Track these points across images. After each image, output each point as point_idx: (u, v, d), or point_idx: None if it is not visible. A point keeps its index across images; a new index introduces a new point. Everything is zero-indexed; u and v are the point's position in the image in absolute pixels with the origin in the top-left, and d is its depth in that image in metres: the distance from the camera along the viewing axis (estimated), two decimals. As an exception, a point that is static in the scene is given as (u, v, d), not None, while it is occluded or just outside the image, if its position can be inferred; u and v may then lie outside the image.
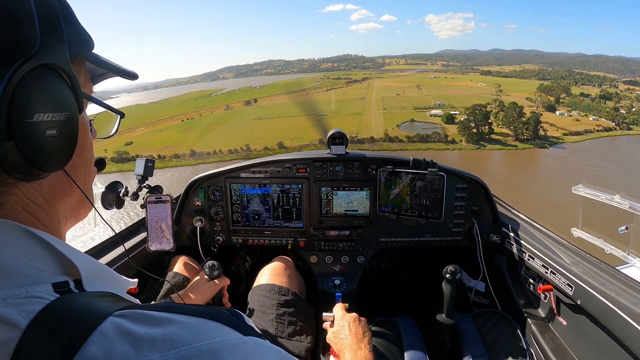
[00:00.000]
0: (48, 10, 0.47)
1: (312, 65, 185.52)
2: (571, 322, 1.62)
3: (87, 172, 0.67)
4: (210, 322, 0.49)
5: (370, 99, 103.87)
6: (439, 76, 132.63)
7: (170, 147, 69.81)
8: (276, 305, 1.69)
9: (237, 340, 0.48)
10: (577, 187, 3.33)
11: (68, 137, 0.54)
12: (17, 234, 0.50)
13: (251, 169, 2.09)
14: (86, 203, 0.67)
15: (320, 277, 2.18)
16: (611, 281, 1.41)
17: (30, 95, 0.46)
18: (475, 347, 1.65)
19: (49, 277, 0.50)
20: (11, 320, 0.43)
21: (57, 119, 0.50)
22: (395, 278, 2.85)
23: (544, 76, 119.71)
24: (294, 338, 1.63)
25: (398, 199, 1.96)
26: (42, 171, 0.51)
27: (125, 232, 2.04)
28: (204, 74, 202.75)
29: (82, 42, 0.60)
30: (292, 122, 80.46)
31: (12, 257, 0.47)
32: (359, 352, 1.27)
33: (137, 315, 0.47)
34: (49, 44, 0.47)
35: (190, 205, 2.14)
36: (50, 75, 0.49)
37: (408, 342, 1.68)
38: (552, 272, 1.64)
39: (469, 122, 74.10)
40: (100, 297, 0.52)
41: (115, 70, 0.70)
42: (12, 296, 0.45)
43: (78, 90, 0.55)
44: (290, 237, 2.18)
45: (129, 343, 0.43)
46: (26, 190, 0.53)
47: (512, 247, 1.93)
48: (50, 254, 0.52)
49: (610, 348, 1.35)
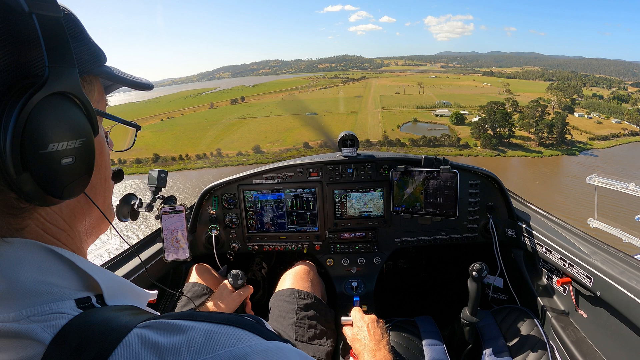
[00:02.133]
0: (56, 35, 0.47)
1: (310, 66, 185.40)
2: (591, 314, 1.60)
3: (106, 188, 0.67)
4: (233, 328, 0.49)
5: (368, 97, 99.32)
6: (440, 76, 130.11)
7: (137, 150, 61.38)
8: (296, 310, 1.70)
9: (260, 345, 0.48)
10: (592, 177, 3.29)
11: (85, 164, 0.53)
12: (38, 252, 0.50)
13: (263, 175, 2.10)
14: (105, 219, 0.67)
15: (337, 280, 2.18)
16: (630, 270, 1.38)
17: (43, 125, 0.46)
18: (496, 344, 1.64)
19: (72, 293, 0.50)
20: (35, 336, 0.43)
21: (72, 147, 0.50)
22: (412, 277, 2.84)
23: (548, 77, 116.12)
24: (314, 342, 1.63)
25: (412, 198, 1.95)
26: (60, 199, 0.51)
27: (141, 243, 2.07)
28: (200, 74, 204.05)
29: (93, 58, 0.60)
30: (277, 122, 75.58)
31: (33, 276, 0.48)
32: (378, 352, 1.28)
33: (160, 325, 0.47)
34: (59, 71, 0.47)
35: (204, 214, 2.16)
36: (62, 102, 0.49)
37: (428, 342, 1.67)
38: (570, 264, 1.62)
39: (483, 123, 65.31)
40: (122, 311, 0.52)
41: (128, 83, 0.69)
42: (36, 314, 0.45)
43: (92, 113, 0.54)
44: (306, 242, 2.19)
45: (154, 353, 0.43)
46: (46, 214, 0.54)
47: (528, 241, 1.92)
48: (71, 271, 0.52)
49: (632, 339, 1.33)
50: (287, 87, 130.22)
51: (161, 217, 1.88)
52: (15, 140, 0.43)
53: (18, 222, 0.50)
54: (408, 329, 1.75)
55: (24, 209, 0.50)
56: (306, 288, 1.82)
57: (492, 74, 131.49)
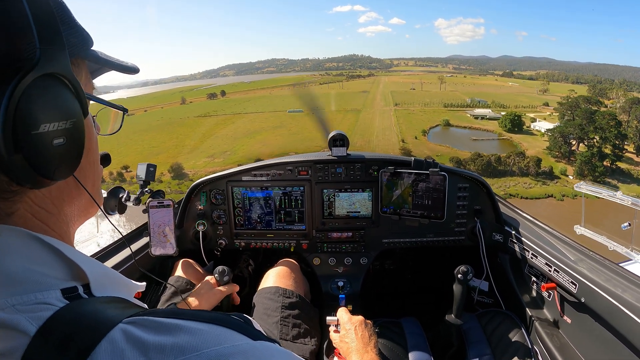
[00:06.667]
0: (46, 18, 0.47)
1: (316, 65, 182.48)
2: (576, 320, 1.61)
3: (95, 172, 0.67)
4: (219, 327, 0.49)
5: (376, 93, 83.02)
6: (457, 75, 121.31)
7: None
8: (280, 308, 1.69)
9: (246, 345, 0.48)
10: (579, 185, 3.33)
11: (75, 144, 0.54)
12: (24, 240, 0.50)
13: (253, 172, 2.09)
14: (95, 203, 0.67)
15: (323, 279, 2.18)
16: (615, 278, 1.40)
17: (34, 106, 0.46)
18: (480, 347, 1.65)
19: (58, 282, 0.50)
20: (19, 327, 0.43)
21: (63, 128, 0.50)
22: (398, 279, 2.85)
23: (574, 80, 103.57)
24: (298, 340, 1.63)
25: (400, 199, 1.96)
26: (51, 180, 0.51)
27: (128, 236, 2.05)
28: (204, 71, 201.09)
29: (81, 42, 0.60)
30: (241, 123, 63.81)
31: (20, 264, 0.48)
32: (366, 355, 1.27)
33: (146, 322, 0.47)
34: (49, 53, 0.47)
35: (192, 209, 2.15)
36: (53, 84, 0.49)
37: (412, 343, 1.68)
38: (556, 270, 1.63)
39: (565, 132, 41.53)
40: (109, 303, 0.52)
41: (115, 66, 0.70)
42: (21, 303, 0.45)
43: (82, 95, 0.54)
44: (293, 240, 2.18)
45: (138, 350, 0.43)
46: (35, 197, 0.54)
47: (515, 245, 1.93)
48: (58, 260, 0.52)
49: (616, 345, 1.34)
50: (284, 83, 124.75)
51: (149, 211, 1.86)
52: (7, 122, 0.43)
53: (8, 206, 0.50)
54: (393, 329, 1.75)
55: (15, 192, 0.50)
56: (290, 287, 1.82)
57: (512, 76, 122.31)
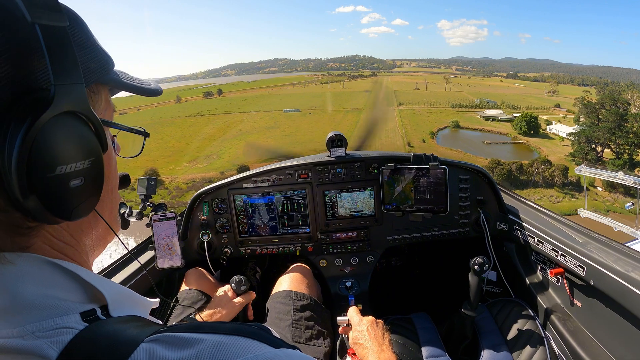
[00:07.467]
0: (61, 49, 0.43)
1: (319, 65, 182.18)
2: (586, 303, 1.61)
3: (113, 199, 0.64)
4: (241, 338, 0.49)
5: (379, 92, 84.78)
6: (461, 76, 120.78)
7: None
8: (292, 311, 1.69)
9: (269, 354, 0.48)
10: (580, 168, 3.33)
11: (94, 183, 0.51)
12: (41, 266, 0.49)
13: (253, 179, 2.09)
14: (111, 230, 0.65)
15: (331, 281, 2.18)
16: (622, 259, 1.40)
17: (50, 147, 0.43)
18: (492, 337, 1.64)
19: (76, 306, 0.49)
20: (41, 353, 0.42)
21: (81, 168, 0.48)
22: (406, 275, 2.85)
23: (580, 82, 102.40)
24: (311, 342, 1.63)
25: (402, 195, 1.96)
26: (69, 221, 0.49)
27: (134, 251, 2.05)
28: (207, 71, 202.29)
29: (100, 67, 0.57)
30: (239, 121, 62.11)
31: (36, 290, 0.47)
32: (382, 354, 1.27)
33: (168, 338, 0.47)
34: (65, 88, 0.44)
35: (195, 220, 2.15)
36: (70, 122, 0.46)
37: (425, 338, 1.68)
38: (563, 254, 1.63)
39: (592, 136, 37.28)
40: (127, 322, 0.52)
41: (136, 89, 0.67)
42: (41, 329, 0.44)
43: (101, 131, 0.51)
44: (298, 243, 2.18)
45: None
46: (53, 230, 0.52)
47: (520, 233, 1.93)
48: (75, 283, 0.51)
49: (628, 326, 1.34)
50: (284, 82, 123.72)
51: (152, 224, 1.86)
52: (21, 165, 0.40)
53: (24, 241, 0.49)
54: (405, 326, 1.75)
55: (31, 227, 0.48)
56: (301, 290, 1.82)
57: (516, 77, 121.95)
